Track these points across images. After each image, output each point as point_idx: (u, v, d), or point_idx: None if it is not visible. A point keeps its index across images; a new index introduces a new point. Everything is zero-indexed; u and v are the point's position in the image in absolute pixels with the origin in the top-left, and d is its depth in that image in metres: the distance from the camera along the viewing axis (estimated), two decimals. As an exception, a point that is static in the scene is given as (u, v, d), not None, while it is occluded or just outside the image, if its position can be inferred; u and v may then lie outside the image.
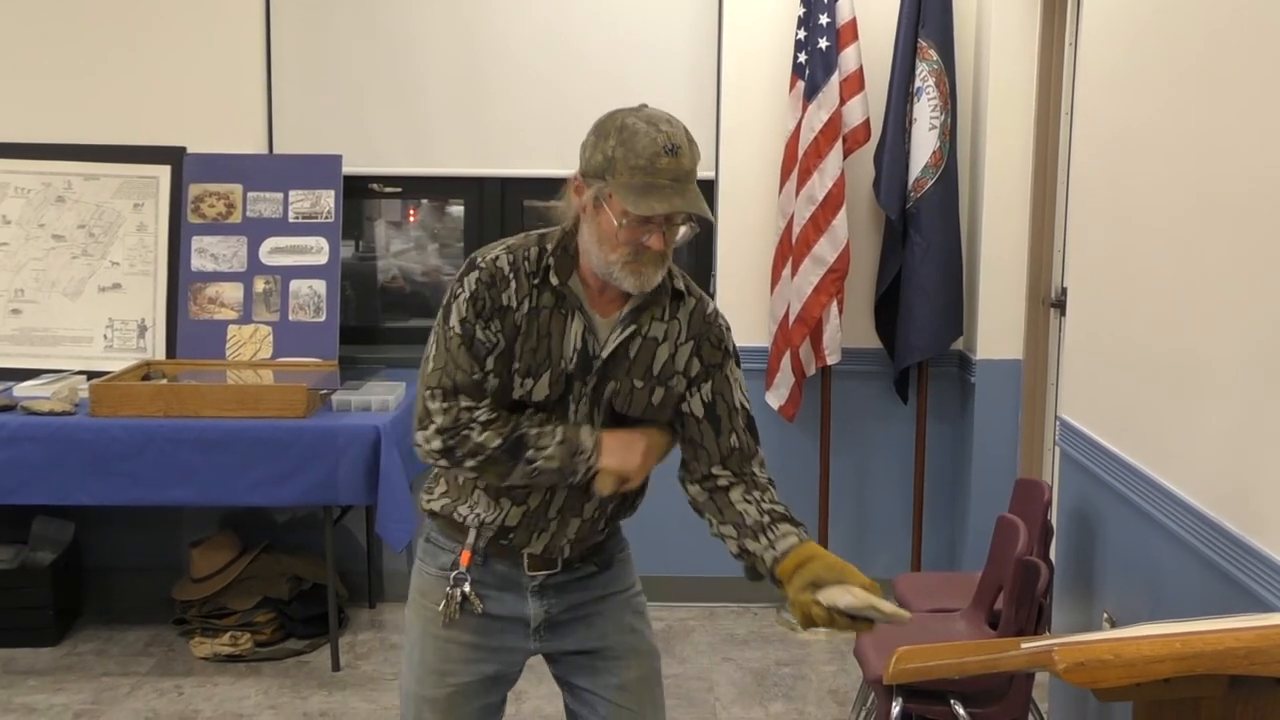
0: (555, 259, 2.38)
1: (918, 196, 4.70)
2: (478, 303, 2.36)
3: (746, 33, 4.92)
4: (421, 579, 2.55)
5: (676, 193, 2.25)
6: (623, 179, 2.25)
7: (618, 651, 2.56)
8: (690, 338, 2.45)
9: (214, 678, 4.49)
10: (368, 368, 5.06)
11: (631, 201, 2.24)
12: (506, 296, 2.36)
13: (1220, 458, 2.65)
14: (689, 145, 2.29)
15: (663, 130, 2.26)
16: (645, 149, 2.24)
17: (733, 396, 2.48)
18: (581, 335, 2.38)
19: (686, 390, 2.46)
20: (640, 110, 2.31)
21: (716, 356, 2.47)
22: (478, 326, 2.35)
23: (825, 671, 4.58)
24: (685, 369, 2.45)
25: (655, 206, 2.23)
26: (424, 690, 2.52)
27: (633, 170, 2.24)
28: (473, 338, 2.35)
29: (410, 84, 5.09)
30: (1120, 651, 1.84)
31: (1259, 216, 2.48)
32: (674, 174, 2.25)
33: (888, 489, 5.15)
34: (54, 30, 5.00)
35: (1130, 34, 3.20)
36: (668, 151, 2.24)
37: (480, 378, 2.36)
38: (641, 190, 2.24)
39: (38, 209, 4.97)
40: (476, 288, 2.36)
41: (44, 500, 4.41)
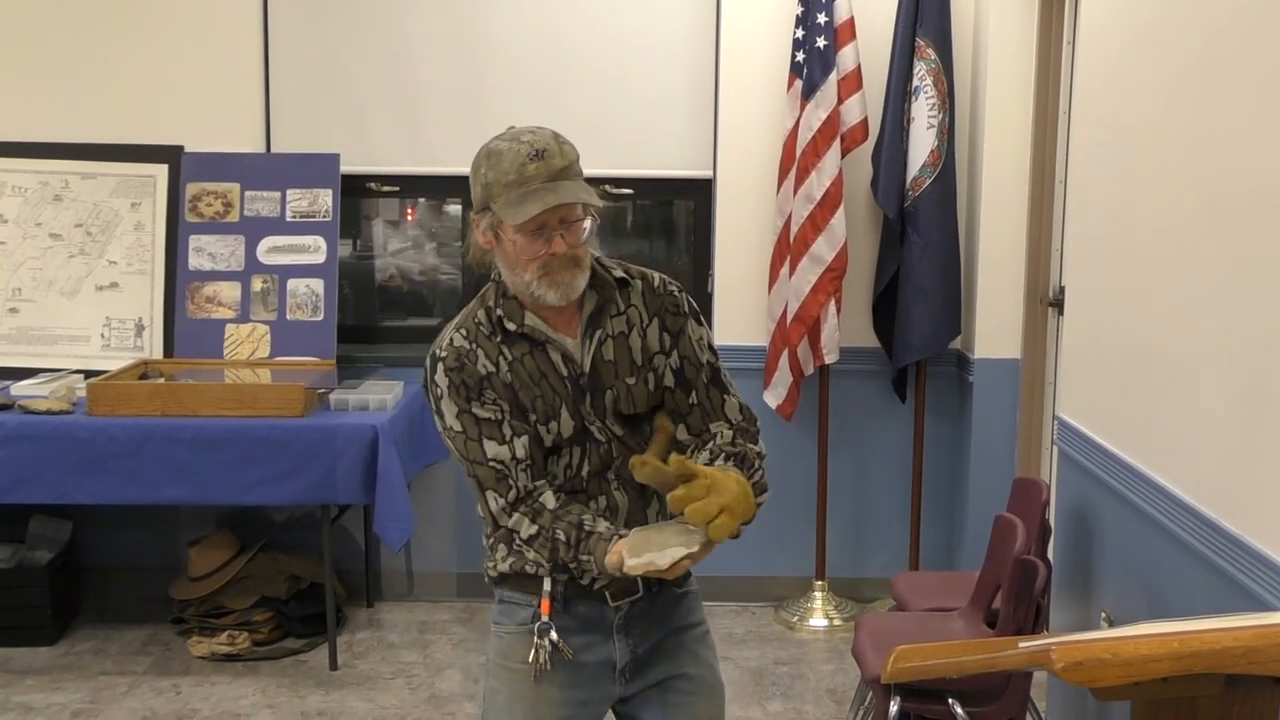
0: (502, 309, 2.39)
1: (915, 195, 4.70)
2: (459, 390, 2.36)
3: (744, 32, 4.92)
4: (501, 641, 2.50)
5: (550, 190, 2.27)
6: (501, 199, 2.29)
7: (692, 685, 2.55)
8: (652, 315, 2.46)
9: (211, 677, 4.49)
10: (365, 367, 5.06)
11: (510, 214, 2.27)
12: (481, 366, 2.37)
13: (1218, 457, 2.65)
14: (557, 145, 2.32)
15: (524, 141, 2.30)
16: (511, 163, 2.28)
17: (698, 355, 2.49)
18: (563, 362, 2.39)
19: (664, 364, 2.46)
20: (506, 132, 2.36)
21: (679, 322, 2.48)
22: (474, 409, 2.36)
23: (823, 670, 4.58)
24: (661, 345, 2.46)
25: (530, 209, 2.26)
26: None
27: (506, 187, 2.28)
28: (477, 421, 2.36)
29: (408, 83, 5.09)
30: (1118, 650, 1.84)
31: (1257, 215, 2.48)
32: (546, 175, 2.28)
33: (886, 488, 5.15)
34: (51, 29, 4.99)
35: (1128, 33, 3.20)
36: (533, 157, 2.28)
37: (501, 455, 2.35)
38: (518, 201, 2.27)
39: (35, 208, 4.96)
40: (450, 378, 2.37)
41: (41, 499, 4.41)
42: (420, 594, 5.23)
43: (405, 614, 5.08)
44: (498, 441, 2.36)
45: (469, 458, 2.38)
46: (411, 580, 5.24)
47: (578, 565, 2.34)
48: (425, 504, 5.02)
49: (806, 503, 5.07)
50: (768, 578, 5.18)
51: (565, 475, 2.42)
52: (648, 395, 2.45)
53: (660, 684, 2.52)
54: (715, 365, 2.52)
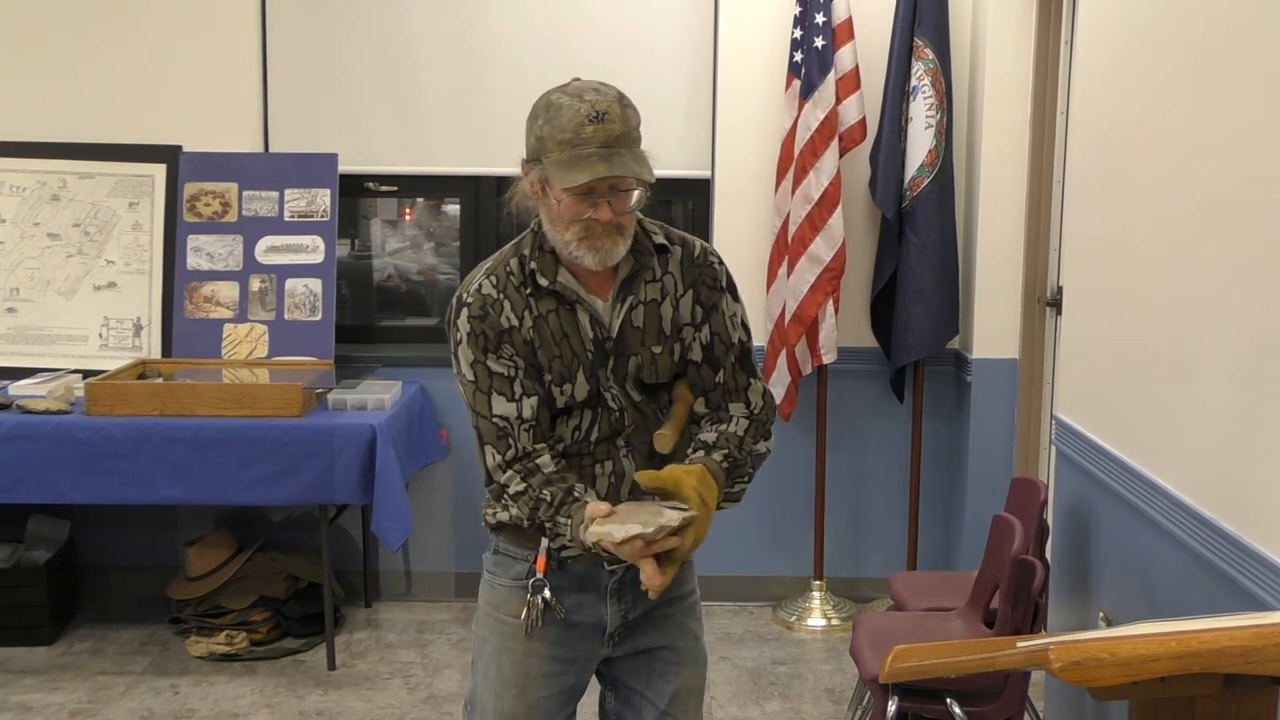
0: (537, 262, 2.36)
1: (914, 195, 4.70)
2: (478, 340, 2.35)
3: (742, 32, 4.92)
4: (494, 592, 2.51)
5: (603, 159, 2.22)
6: (553, 156, 2.24)
7: (677, 656, 2.56)
8: (687, 287, 2.43)
9: (210, 677, 4.49)
10: (364, 366, 5.05)
11: (559, 176, 2.23)
12: (505, 318, 2.34)
13: (1216, 456, 2.65)
14: (619, 109, 2.27)
15: (587, 100, 2.24)
16: (569, 121, 2.22)
17: (730, 334, 2.46)
18: (589, 323, 2.37)
19: (693, 337, 2.44)
20: (569, 85, 2.30)
21: (713, 297, 2.45)
22: (489, 361, 2.35)
23: (821, 670, 4.58)
24: (691, 317, 2.43)
25: (579, 177, 2.21)
26: (503, 705, 2.49)
27: (561, 145, 2.23)
28: (489, 375, 2.35)
29: (406, 82, 5.09)
30: (1116, 650, 1.85)
31: (1254, 215, 2.48)
32: (603, 140, 2.23)
33: (884, 488, 5.16)
34: (49, 28, 4.99)
35: (1126, 33, 3.20)
36: (592, 120, 2.22)
37: (509, 413, 2.34)
38: (569, 163, 2.22)
39: (33, 207, 4.96)
40: (471, 326, 2.35)
41: (39, 499, 4.41)
42: (418, 594, 5.23)
43: (404, 614, 5.08)
44: (507, 398, 2.35)
45: (475, 409, 2.37)
46: (410, 580, 5.24)
47: (554, 526, 2.33)
48: (423, 504, 5.02)
49: (805, 502, 5.07)
50: (766, 577, 5.19)
51: (573, 438, 2.41)
52: (671, 365, 2.43)
53: (647, 651, 2.55)
54: (746, 345, 2.49)
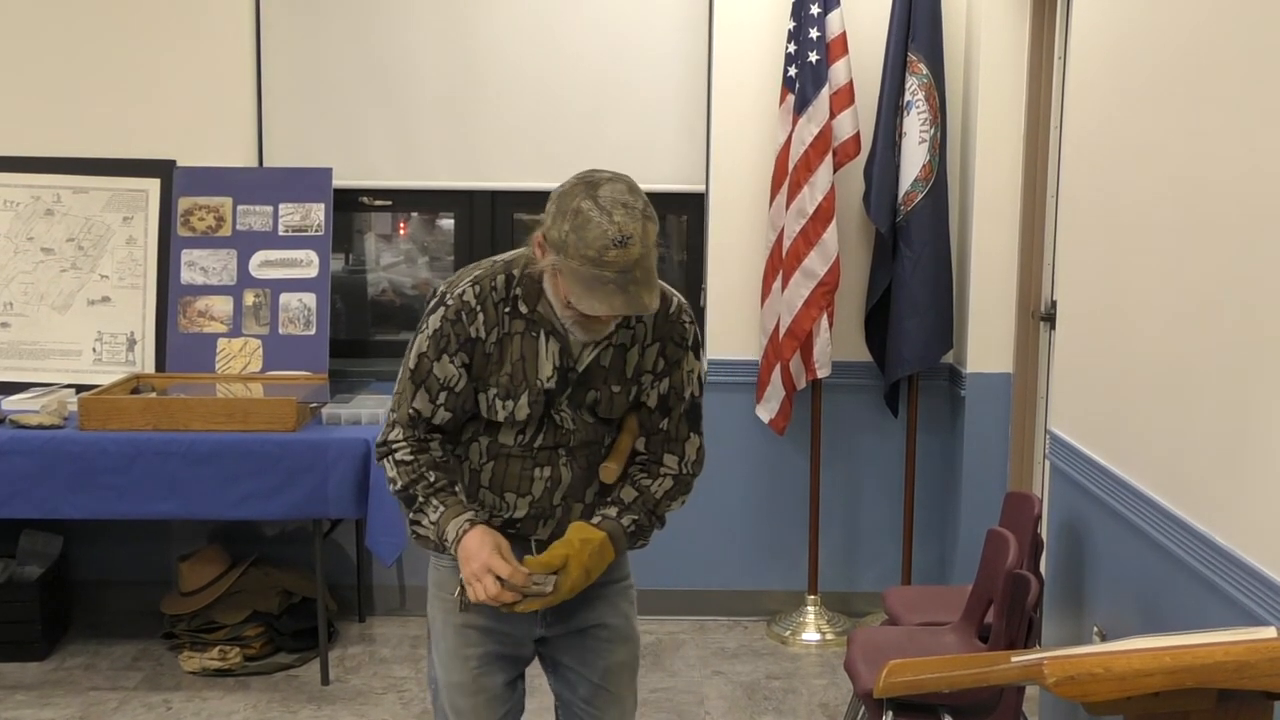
0: (522, 288, 2.49)
1: (908, 210, 4.71)
2: (440, 340, 2.50)
3: (737, 47, 4.93)
4: (437, 573, 2.70)
5: (620, 289, 2.30)
6: (573, 264, 2.31)
7: (608, 634, 2.70)
8: (656, 339, 2.57)
9: (203, 692, 4.47)
10: (358, 381, 5.05)
11: (576, 294, 2.32)
12: (475, 329, 2.48)
13: (1209, 471, 2.65)
14: (642, 228, 2.32)
15: (615, 220, 2.29)
16: (595, 240, 2.28)
17: (684, 389, 2.62)
18: (558, 354, 2.50)
19: (651, 384, 2.59)
20: (600, 188, 2.33)
21: (678, 354, 2.60)
22: (436, 363, 2.51)
23: (816, 685, 4.58)
24: (653, 367, 2.58)
25: (596, 306, 2.31)
26: (450, 676, 2.66)
27: (583, 259, 2.29)
28: (428, 373, 2.52)
29: (400, 97, 5.10)
30: (1110, 665, 1.85)
31: (1247, 230, 2.49)
32: (622, 265, 2.29)
33: (878, 502, 5.15)
34: (43, 43, 4.99)
35: (1119, 48, 3.21)
36: (616, 244, 2.28)
37: (423, 411, 2.54)
38: (587, 283, 2.30)
39: (27, 222, 4.96)
40: (441, 324, 2.50)
41: (32, 514, 4.39)
42: (412, 608, 5.21)
43: (397, 628, 5.07)
44: (429, 399, 2.53)
45: (399, 389, 2.57)
46: (403, 595, 5.23)
47: (424, 504, 2.52)
48: (417, 518, 5.01)
49: (799, 517, 5.07)
50: (760, 592, 5.18)
51: (517, 441, 2.56)
52: (625, 404, 2.59)
53: (581, 631, 2.69)
54: (697, 400, 2.66)
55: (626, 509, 2.58)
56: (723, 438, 5.00)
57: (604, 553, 2.52)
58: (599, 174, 2.37)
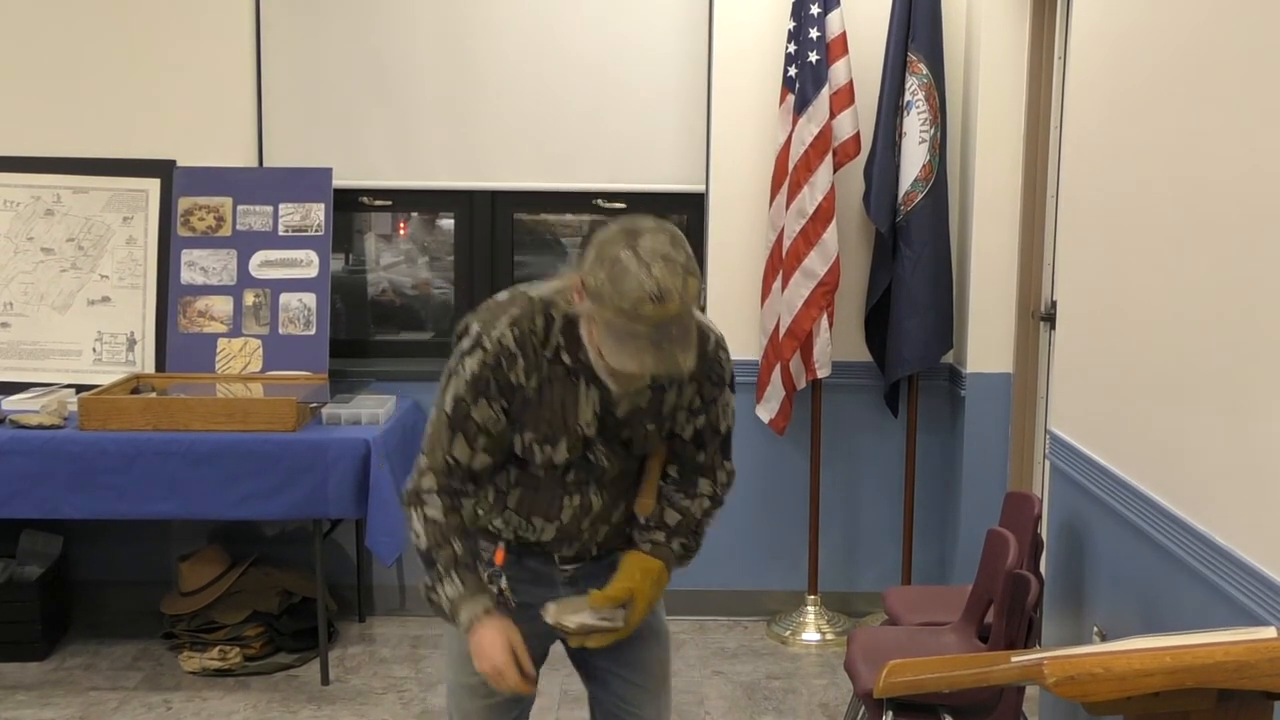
0: (564, 337, 2.40)
1: (908, 210, 4.71)
2: (479, 384, 2.40)
3: (737, 47, 4.94)
4: None
5: (654, 346, 2.21)
6: (608, 314, 2.22)
7: (640, 631, 2.63)
8: (693, 379, 2.51)
9: (202, 692, 4.47)
10: (358, 381, 5.05)
11: (608, 347, 2.25)
12: (515, 375, 2.40)
13: (1209, 471, 2.65)
14: (681, 283, 2.22)
15: (654, 274, 2.19)
16: (631, 292, 2.18)
17: (720, 423, 2.59)
18: (598, 401, 2.43)
19: (686, 419, 2.56)
20: (641, 238, 2.24)
21: (714, 392, 2.56)
22: (474, 407, 2.41)
23: (816, 685, 4.58)
24: (689, 404, 2.54)
25: (626, 363, 2.23)
26: (462, 677, 2.61)
27: (617, 310, 2.20)
28: (465, 417, 2.42)
29: (400, 97, 5.10)
30: (1110, 665, 1.85)
31: (1247, 230, 2.49)
32: (658, 320, 2.20)
33: (878, 502, 5.15)
34: (43, 43, 4.99)
35: (1119, 48, 3.21)
36: (654, 298, 2.18)
37: (462, 459, 2.44)
38: (620, 337, 2.22)
39: (27, 222, 4.96)
40: (480, 370, 2.40)
41: (32, 514, 4.40)
42: (412, 608, 5.21)
43: (397, 628, 5.07)
44: (467, 444, 2.44)
45: (433, 433, 2.46)
46: (403, 595, 5.23)
47: (443, 576, 2.44)
48: (417, 518, 5.01)
49: (799, 517, 5.07)
50: (760, 592, 5.18)
51: (548, 474, 2.51)
52: (659, 439, 2.55)
53: None
54: (730, 431, 2.62)
55: (673, 532, 2.57)
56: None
57: (662, 581, 2.53)
58: (642, 223, 2.27)
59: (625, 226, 2.27)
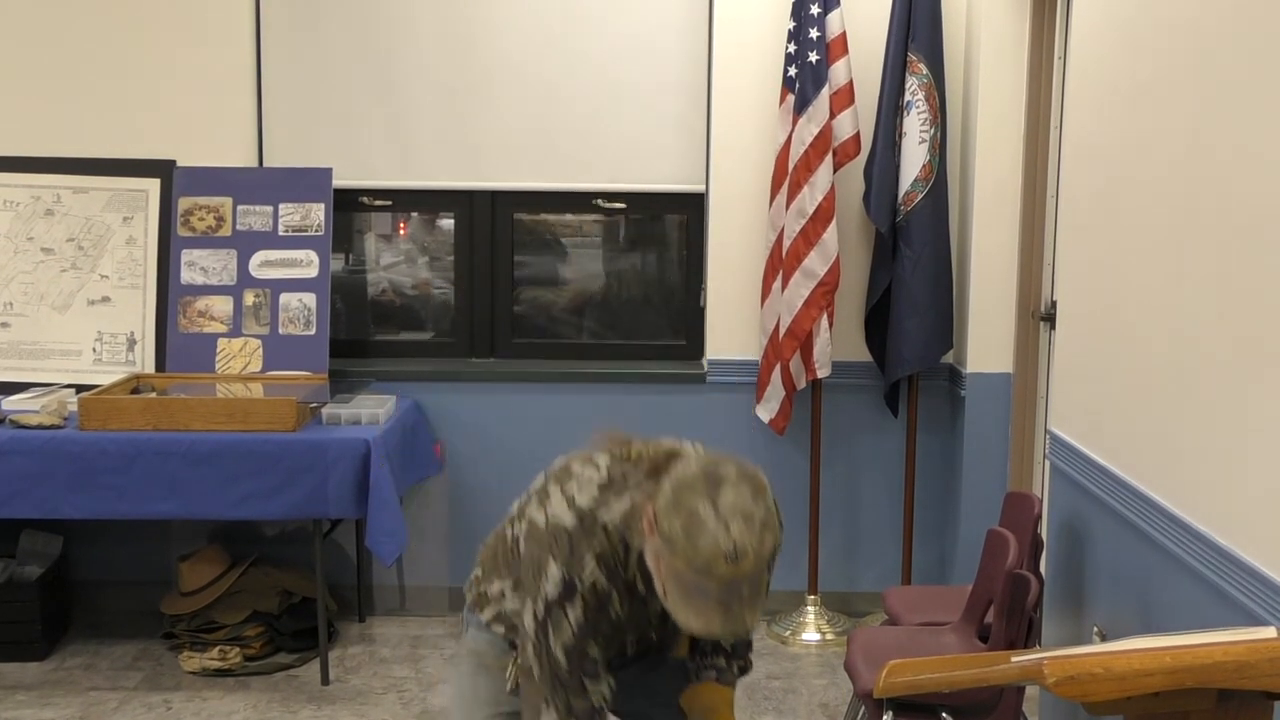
0: (640, 570, 2.33)
1: (908, 210, 4.71)
2: (587, 629, 2.33)
3: (737, 46, 4.94)
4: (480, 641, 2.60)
5: (722, 606, 2.12)
6: (679, 564, 2.11)
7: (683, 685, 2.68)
8: None
9: (202, 692, 4.47)
10: (358, 381, 5.05)
11: (675, 599, 2.16)
12: (612, 610, 2.35)
13: (1209, 471, 2.65)
14: (759, 541, 2.10)
15: (731, 534, 2.08)
16: (705, 549, 2.08)
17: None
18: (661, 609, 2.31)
19: None
20: (723, 491, 2.13)
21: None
22: (589, 646, 2.34)
23: (816, 685, 4.58)
24: None
25: (691, 621, 2.15)
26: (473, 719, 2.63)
27: (688, 564, 2.10)
28: (583, 657, 2.34)
29: (400, 97, 5.10)
30: (1110, 665, 1.85)
31: (1247, 231, 2.49)
32: (730, 579, 2.09)
33: (878, 502, 5.15)
34: (43, 43, 4.99)
35: (1119, 48, 3.21)
36: (729, 559, 2.07)
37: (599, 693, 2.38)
38: (688, 591, 2.12)
39: (27, 222, 4.96)
40: (583, 615, 2.32)
41: (32, 514, 4.39)
42: (412, 608, 5.22)
43: (397, 628, 5.07)
44: (594, 679, 2.37)
45: (555, 687, 2.36)
46: (404, 595, 5.23)
47: None
48: (417, 518, 5.02)
49: (799, 517, 5.07)
50: (760, 592, 5.17)
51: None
52: None
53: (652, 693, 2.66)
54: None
55: (732, 656, 2.64)
56: (722, 438, 5.00)
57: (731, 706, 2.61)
58: (725, 469, 2.16)
59: (707, 470, 2.16)
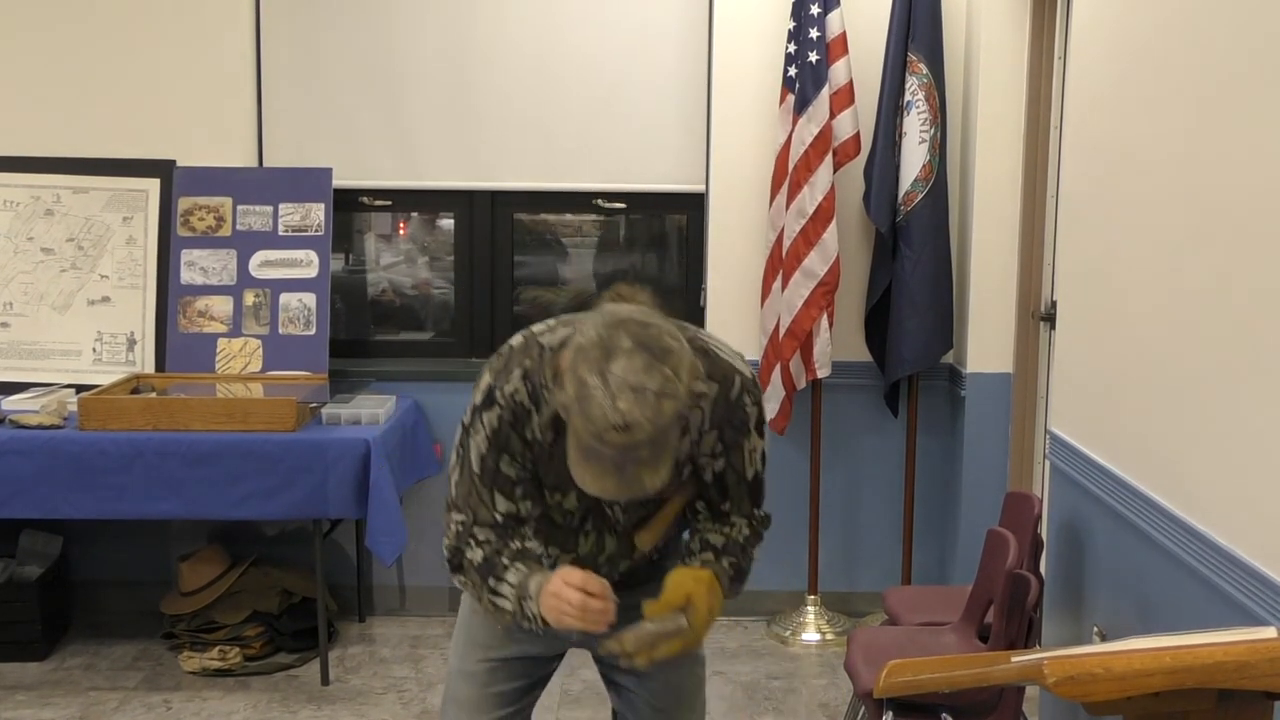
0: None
1: (908, 210, 4.71)
2: (499, 440, 2.33)
3: (737, 46, 4.93)
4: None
5: (617, 469, 2.11)
6: (576, 424, 2.11)
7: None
8: (714, 426, 2.40)
9: (202, 692, 4.47)
10: (358, 381, 5.05)
11: (573, 457, 2.16)
12: (529, 431, 2.33)
13: (1209, 471, 2.65)
14: (654, 411, 2.07)
15: (619, 407, 2.05)
16: (596, 418, 2.06)
17: (745, 469, 2.47)
18: None
19: (707, 463, 2.45)
20: (614, 362, 2.08)
21: (738, 438, 2.43)
22: (501, 463, 2.35)
23: (815, 685, 4.58)
24: (711, 450, 2.43)
25: (586, 481, 2.15)
26: (464, 664, 2.61)
27: (583, 427, 2.09)
28: (495, 472, 2.35)
29: (400, 97, 5.10)
30: (1110, 665, 1.85)
31: (1247, 230, 2.49)
32: (624, 445, 2.08)
33: (878, 502, 5.15)
34: (43, 43, 4.99)
35: (1119, 48, 3.21)
36: (618, 428, 2.06)
37: (509, 511, 2.37)
38: (585, 451, 2.13)
39: (27, 222, 4.96)
40: (499, 425, 2.32)
41: (32, 514, 4.40)
42: (412, 608, 5.22)
43: (397, 629, 5.07)
44: (508, 499, 2.37)
45: (466, 493, 2.38)
46: (404, 595, 5.23)
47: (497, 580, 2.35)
48: (417, 518, 5.01)
49: (799, 517, 5.07)
50: (759, 592, 5.16)
51: (564, 520, 2.47)
52: (678, 483, 2.42)
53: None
54: (760, 477, 2.51)
55: (721, 552, 2.46)
56: (723, 438, 5.00)
57: (715, 589, 2.39)
58: (620, 339, 2.10)
59: (602, 338, 2.11)
